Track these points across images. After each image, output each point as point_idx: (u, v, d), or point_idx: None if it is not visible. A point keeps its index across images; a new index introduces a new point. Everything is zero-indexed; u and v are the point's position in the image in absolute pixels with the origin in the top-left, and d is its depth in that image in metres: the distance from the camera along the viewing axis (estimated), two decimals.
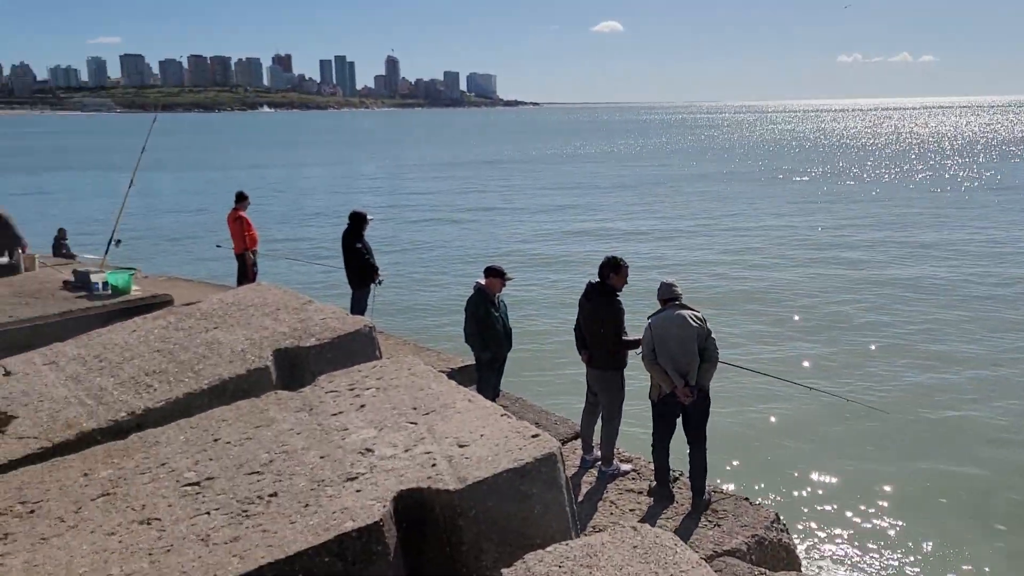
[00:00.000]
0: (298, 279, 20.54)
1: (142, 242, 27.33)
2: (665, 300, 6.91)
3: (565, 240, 28.94)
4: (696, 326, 6.65)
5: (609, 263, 7.40)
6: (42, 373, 6.09)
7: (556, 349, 14.71)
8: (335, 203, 40.06)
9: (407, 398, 4.69)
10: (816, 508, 9.76)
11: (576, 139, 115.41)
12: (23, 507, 4.18)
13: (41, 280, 11.16)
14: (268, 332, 6.18)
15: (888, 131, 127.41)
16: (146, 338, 6.50)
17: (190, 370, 5.66)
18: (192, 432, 4.70)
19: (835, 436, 11.69)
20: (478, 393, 8.28)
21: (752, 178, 52.04)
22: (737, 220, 32.94)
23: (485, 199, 42.40)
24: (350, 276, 11.08)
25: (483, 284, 8.26)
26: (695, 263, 24.55)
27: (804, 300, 19.62)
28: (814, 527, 9.29)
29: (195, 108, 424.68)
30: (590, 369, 7.60)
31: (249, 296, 7.24)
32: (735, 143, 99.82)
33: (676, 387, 6.66)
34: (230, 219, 12.90)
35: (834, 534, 9.16)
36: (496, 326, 8.26)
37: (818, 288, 20.83)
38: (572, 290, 18.91)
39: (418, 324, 17.46)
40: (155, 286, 13.14)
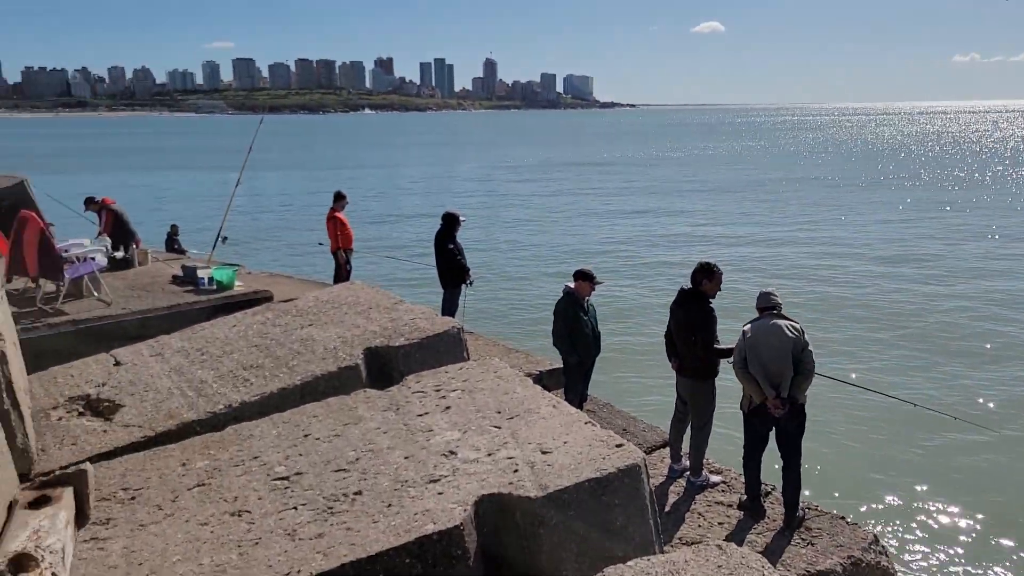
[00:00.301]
0: (393, 278, 20.96)
1: (248, 239, 28.39)
2: (762, 309, 6.70)
3: (658, 244, 28.54)
4: (792, 336, 6.42)
5: (702, 269, 7.23)
6: (148, 364, 6.39)
7: (646, 355, 14.49)
8: (430, 203, 40.69)
9: (492, 401, 4.69)
10: (918, 532, 9.29)
11: (673, 141, 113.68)
12: (125, 493, 4.38)
13: (153, 274, 11.71)
14: (360, 331, 6.29)
15: (1008, 135, 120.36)
16: (245, 333, 6.72)
17: (285, 366, 5.82)
18: (284, 427, 4.83)
19: (940, 456, 11.10)
20: (565, 397, 8.28)
21: (856, 183, 50.11)
22: (838, 227, 31.70)
23: (579, 201, 42.21)
24: (442, 276, 11.20)
25: (572, 288, 8.20)
26: (791, 270, 23.79)
27: (907, 311, 18.75)
28: (915, 552, 8.84)
29: (301, 110, 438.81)
30: (680, 377, 7.44)
31: (343, 295, 7.40)
32: (839, 146, 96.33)
33: (767, 398, 6.45)
34: (327, 218, 13.24)
35: (937, 561, 8.70)
36: (584, 330, 8.18)
37: (923, 299, 19.88)
38: (663, 295, 18.62)
39: (508, 325, 17.52)
40: (257, 282, 13.62)
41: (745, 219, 34.47)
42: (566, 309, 8.14)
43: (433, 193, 48.11)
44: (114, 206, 13.26)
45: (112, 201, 13.49)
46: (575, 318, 8.10)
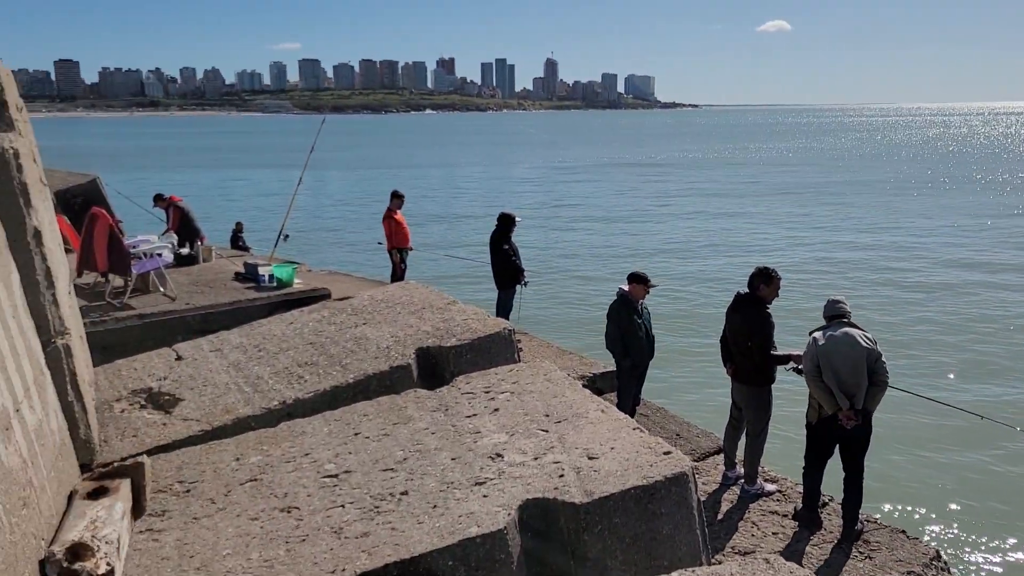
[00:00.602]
0: (449, 276, 21.09)
1: (309, 237, 28.93)
2: (831, 317, 6.53)
3: (716, 247, 28.11)
4: (867, 347, 6.23)
5: (760, 273, 7.09)
6: (208, 359, 6.54)
7: (701, 359, 14.29)
8: (487, 203, 40.85)
9: (540, 405, 4.68)
10: (982, 549, 8.94)
11: (735, 142, 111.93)
12: (180, 486, 4.49)
13: (216, 270, 11.99)
14: (412, 330, 6.34)
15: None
16: (301, 331, 6.83)
17: (338, 364, 5.89)
18: (335, 425, 4.89)
19: (1007, 470, 10.68)
20: (618, 400, 8.22)
21: (925, 186, 48.63)
22: (905, 233, 30.69)
23: (637, 202, 41.90)
24: (497, 277, 11.23)
25: (626, 290, 8.14)
26: (854, 274, 23.17)
27: (975, 319, 18.09)
28: (979, 571, 8.52)
29: (364, 110, 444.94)
30: (735, 383, 7.32)
31: (397, 294, 7.46)
32: (908, 147, 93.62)
33: (841, 409, 6.29)
34: (383, 217, 13.40)
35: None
36: (638, 333, 8.11)
37: (993, 306, 19.14)
38: (719, 299, 18.34)
39: (563, 326, 17.46)
40: (316, 280, 13.83)
41: (807, 222, 33.72)
42: (619, 312, 8.09)
43: (490, 193, 48.30)
44: (181, 203, 13.63)
45: (179, 199, 13.86)
46: (628, 321, 8.04)
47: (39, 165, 5.70)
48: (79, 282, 10.61)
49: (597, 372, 9.91)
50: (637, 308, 8.11)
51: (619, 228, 33.02)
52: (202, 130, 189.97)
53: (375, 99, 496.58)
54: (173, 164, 74.25)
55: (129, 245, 10.76)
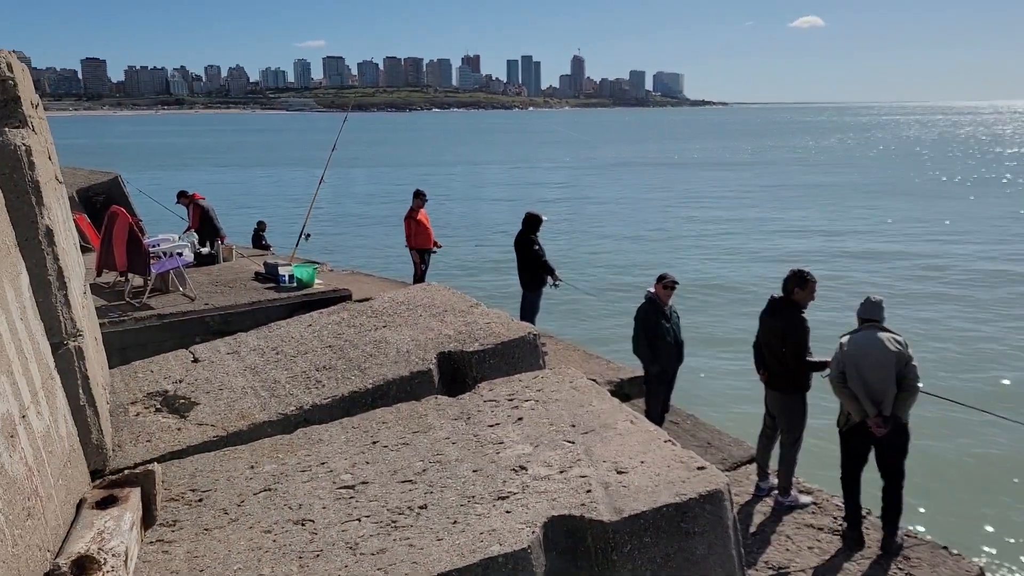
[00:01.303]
0: (471, 275, 20.92)
1: (331, 236, 28.89)
2: (865, 320, 6.27)
3: (748, 249, 27.56)
4: (895, 350, 5.98)
5: (795, 276, 6.86)
6: (225, 362, 6.40)
7: (732, 364, 13.92)
8: (511, 201, 40.65)
9: (566, 414, 4.47)
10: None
11: (767, 139, 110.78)
12: (193, 495, 4.34)
13: (236, 270, 11.90)
14: (433, 334, 6.16)
15: None
16: (320, 333, 6.68)
17: (357, 368, 5.73)
18: (353, 432, 4.72)
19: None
20: (647, 407, 7.98)
21: (956, 186, 47.80)
22: (943, 239, 29.87)
23: (665, 202, 41.46)
24: (524, 278, 11.01)
25: (654, 293, 7.91)
26: (892, 274, 22.64)
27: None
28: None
29: (388, 108, 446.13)
30: (769, 390, 7.09)
31: (419, 296, 7.29)
32: (946, 147, 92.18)
33: (868, 416, 6.05)
34: (405, 217, 13.22)
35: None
36: (666, 338, 7.88)
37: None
38: (751, 302, 17.92)
39: (588, 330, 17.16)
40: (337, 280, 13.71)
41: (842, 223, 33.04)
42: (647, 316, 7.87)
43: (514, 192, 48.00)
44: (202, 202, 13.55)
45: (201, 197, 13.79)
46: (656, 325, 7.82)
47: (55, 163, 5.58)
48: (99, 281, 10.57)
49: (625, 377, 9.70)
50: (665, 312, 7.89)
51: (646, 229, 32.58)
52: (226, 127, 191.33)
53: (399, 97, 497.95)
54: (196, 162, 74.73)
55: (149, 244, 10.69)
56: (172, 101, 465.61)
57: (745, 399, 11.27)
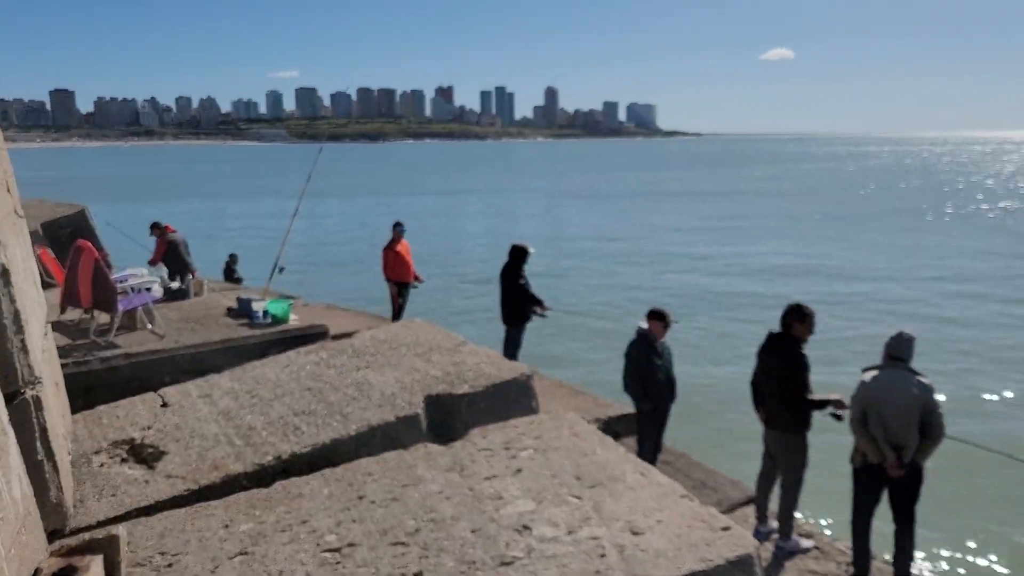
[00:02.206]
0: (449, 311, 20.56)
1: (306, 269, 28.40)
2: (892, 357, 6.00)
3: (736, 279, 27.19)
4: (919, 395, 5.72)
5: (793, 311, 6.62)
6: (196, 406, 6.00)
7: (726, 401, 13.45)
8: (488, 232, 40.45)
9: (569, 464, 4.14)
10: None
11: (741, 169, 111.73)
12: (162, 558, 3.95)
13: (208, 306, 11.47)
14: (419, 375, 5.82)
15: None
16: (298, 374, 6.31)
17: (339, 413, 5.37)
18: (336, 485, 4.35)
19: None
20: (639, 447, 7.67)
21: (932, 216, 48.37)
22: (939, 265, 29.71)
23: (648, 231, 41.41)
24: (507, 312, 10.70)
25: (645, 328, 7.63)
26: (897, 310, 22.20)
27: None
28: None
29: (361, 138, 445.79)
30: (768, 429, 6.81)
31: (402, 334, 6.95)
32: (920, 177, 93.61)
33: (886, 459, 5.78)
34: (384, 249, 12.89)
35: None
36: (658, 375, 7.60)
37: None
38: (743, 337, 17.62)
39: (574, 365, 16.72)
40: (313, 314, 13.30)
41: (828, 252, 32.87)
42: (638, 352, 7.59)
43: (491, 224, 47.79)
44: (174, 235, 13.11)
45: (173, 230, 13.34)
46: (648, 362, 7.54)
47: (14, 195, 5.21)
48: (63, 319, 10.10)
49: (614, 415, 9.40)
50: (657, 347, 7.61)
51: (628, 258, 32.33)
52: (196, 159, 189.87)
53: (373, 128, 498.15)
54: (166, 193, 73.66)
55: (116, 279, 10.26)
56: (142, 132, 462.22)
57: (740, 436, 10.92)
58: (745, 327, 19.09)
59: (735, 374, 14.30)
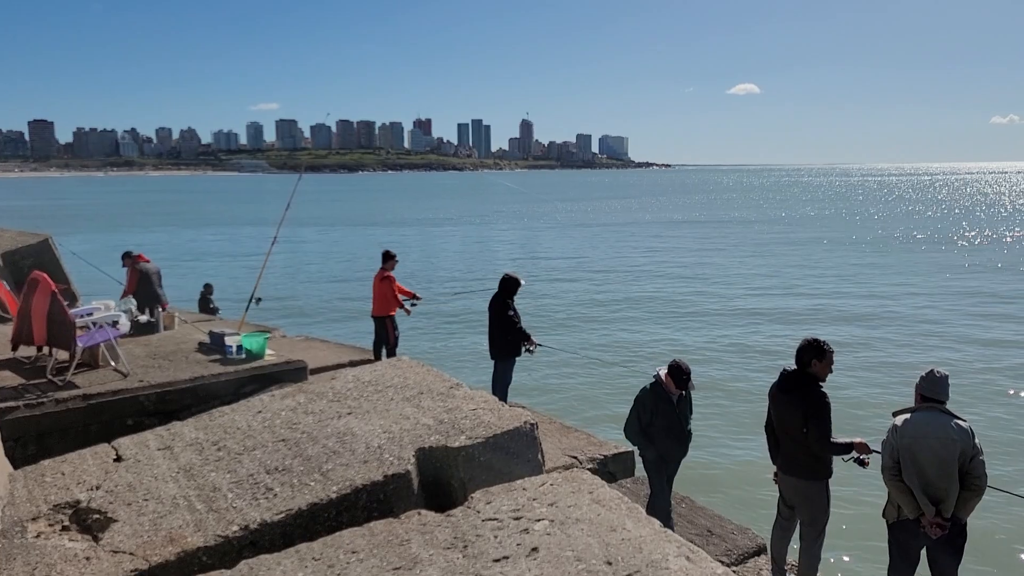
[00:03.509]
0: (428, 339, 19.83)
1: (284, 299, 27.55)
2: (926, 398, 5.40)
3: (724, 311, 26.59)
4: (959, 441, 5.12)
5: (811, 347, 6.03)
6: (154, 460, 5.27)
7: (731, 440, 12.69)
8: (467, 261, 39.83)
9: (596, 544, 3.45)
10: None
11: (713, 198, 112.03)
12: None
13: (178, 340, 10.71)
14: (409, 424, 5.13)
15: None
16: (271, 422, 5.60)
17: (317, 471, 4.66)
18: (314, 567, 3.64)
19: None
20: (650, 500, 6.93)
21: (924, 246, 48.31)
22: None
23: (621, 260, 40.96)
24: (496, 346, 10.03)
25: (662, 377, 6.96)
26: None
27: None
28: None
29: (341, 169, 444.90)
30: (786, 476, 6.18)
31: (388, 374, 6.26)
32: (883, 205, 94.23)
33: (924, 515, 5.16)
34: (375, 279, 12.11)
35: None
36: (661, 421, 6.90)
37: None
38: (743, 369, 16.97)
39: (557, 398, 16.00)
40: (291, 347, 12.57)
41: (820, 288, 32.19)
42: (644, 399, 6.96)
43: (469, 253, 47.15)
44: (145, 265, 12.35)
45: (147, 259, 12.58)
46: (654, 411, 6.87)
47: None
48: (20, 355, 9.31)
49: (608, 454, 8.81)
50: (670, 398, 6.93)
51: (609, 288, 31.69)
52: (175, 188, 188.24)
53: (352, 159, 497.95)
54: (141, 222, 72.43)
55: (78, 313, 9.51)
56: (122, 163, 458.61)
57: (748, 479, 10.21)
58: (735, 353, 18.58)
59: (738, 410, 13.71)
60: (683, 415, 6.99)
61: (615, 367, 16.80)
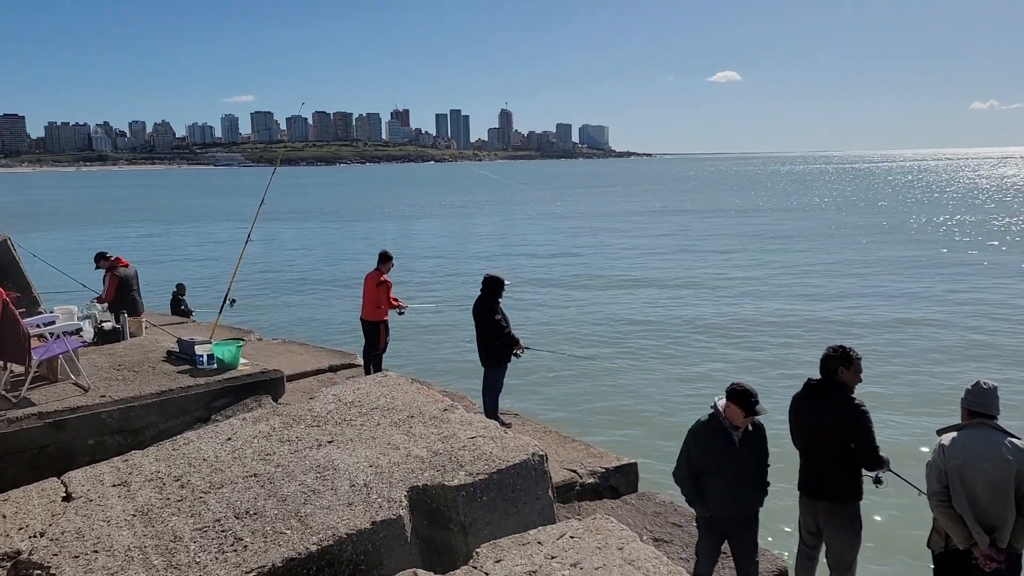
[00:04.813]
0: (419, 348, 19.13)
1: (260, 299, 26.70)
2: (974, 413, 4.84)
3: (698, 310, 26.22)
4: (1015, 461, 4.59)
5: (839, 355, 5.49)
6: (108, 499, 4.63)
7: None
8: (449, 255, 39.16)
9: None
10: None
11: (690, 187, 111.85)
12: None
13: (145, 349, 10.00)
14: (399, 455, 4.52)
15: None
16: (242, 452, 4.96)
17: (294, 515, 4.04)
18: None
19: None
20: (697, 562, 5.84)
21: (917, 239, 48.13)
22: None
23: (608, 253, 40.43)
24: (484, 353, 9.39)
25: (720, 407, 5.45)
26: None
27: None
28: None
29: (317, 162, 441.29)
30: (812, 500, 5.63)
31: (373, 393, 5.64)
32: (873, 194, 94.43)
33: (977, 546, 4.63)
34: (369, 281, 11.21)
35: None
36: (723, 473, 5.37)
37: None
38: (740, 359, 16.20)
39: (547, 403, 15.19)
40: (266, 351, 11.93)
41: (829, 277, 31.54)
42: (697, 438, 5.44)
43: (451, 247, 46.39)
44: (125, 270, 11.46)
45: (125, 262, 11.69)
46: (708, 452, 5.37)
47: None
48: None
49: (610, 467, 8.23)
50: (732, 435, 5.36)
51: (599, 284, 30.81)
52: (148, 183, 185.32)
53: (329, 151, 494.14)
54: (111, 219, 70.65)
55: (35, 323, 8.79)
56: (95, 157, 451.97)
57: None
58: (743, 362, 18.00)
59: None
60: (750, 455, 5.44)
61: (612, 368, 16.17)
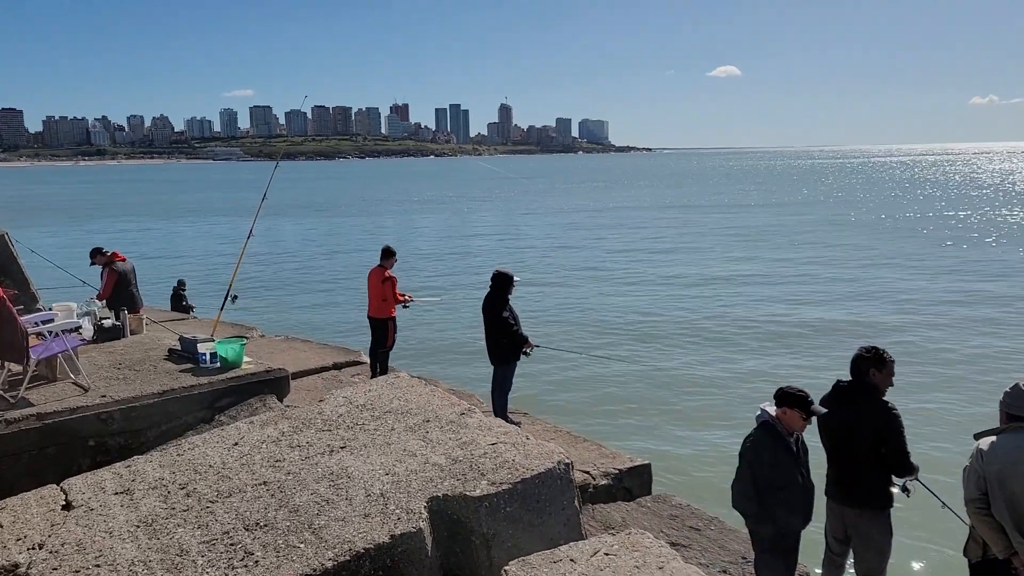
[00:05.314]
0: (425, 342, 18.90)
1: (263, 294, 26.44)
2: (1013, 416, 4.61)
3: (703, 306, 26.01)
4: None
5: (870, 356, 5.30)
6: (110, 508, 4.41)
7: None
8: (448, 252, 38.93)
9: None
10: None
11: (696, 183, 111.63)
12: None
13: (146, 347, 9.78)
14: (416, 463, 4.30)
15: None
16: (250, 458, 4.74)
17: (307, 527, 3.83)
18: None
19: None
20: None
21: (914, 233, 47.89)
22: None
23: (605, 251, 40.17)
24: (493, 350, 9.16)
25: (773, 417, 5.07)
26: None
27: None
28: None
29: (317, 156, 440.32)
30: (840, 507, 5.43)
31: (385, 396, 5.42)
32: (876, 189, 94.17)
33: (1017, 555, 4.42)
34: (374, 277, 10.92)
35: None
36: (791, 486, 5.04)
37: None
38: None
39: (556, 402, 14.90)
40: (270, 349, 11.70)
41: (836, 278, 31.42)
42: (759, 453, 5.04)
43: (452, 243, 46.14)
44: (122, 265, 11.30)
45: (122, 257, 11.53)
46: (774, 467, 4.98)
47: None
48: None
49: (624, 467, 7.99)
50: (790, 444, 5.05)
51: (610, 279, 30.48)
52: (147, 177, 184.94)
53: (328, 145, 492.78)
54: (110, 213, 70.36)
55: (32, 321, 8.56)
56: (93, 152, 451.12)
57: None
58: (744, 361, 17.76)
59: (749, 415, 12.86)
60: (805, 464, 5.16)
61: (621, 365, 15.90)
